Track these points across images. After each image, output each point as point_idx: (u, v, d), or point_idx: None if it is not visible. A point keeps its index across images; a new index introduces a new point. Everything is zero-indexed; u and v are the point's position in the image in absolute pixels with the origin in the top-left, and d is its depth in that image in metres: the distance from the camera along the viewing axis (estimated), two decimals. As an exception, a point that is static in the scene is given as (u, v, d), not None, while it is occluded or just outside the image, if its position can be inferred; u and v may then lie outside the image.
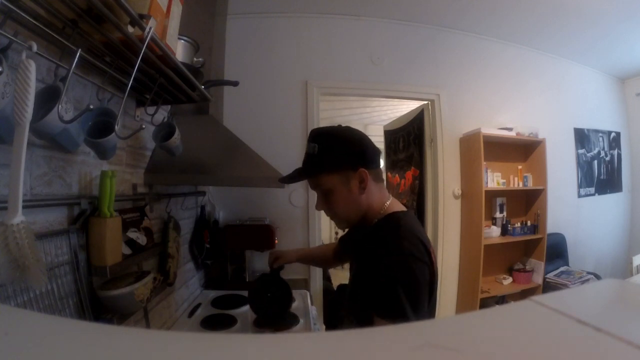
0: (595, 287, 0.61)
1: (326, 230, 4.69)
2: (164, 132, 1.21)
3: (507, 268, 2.87)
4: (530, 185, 2.79)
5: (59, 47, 0.74)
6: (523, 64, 2.99)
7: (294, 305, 1.71)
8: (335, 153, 0.87)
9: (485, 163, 2.51)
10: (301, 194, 2.40)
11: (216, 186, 2.18)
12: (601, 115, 3.44)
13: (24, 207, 0.57)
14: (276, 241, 2.10)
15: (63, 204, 0.85)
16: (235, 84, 1.44)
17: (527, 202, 2.92)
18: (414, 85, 2.65)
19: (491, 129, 2.60)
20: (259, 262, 2.22)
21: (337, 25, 2.55)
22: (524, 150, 2.92)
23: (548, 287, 2.70)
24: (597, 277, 2.84)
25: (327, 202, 0.91)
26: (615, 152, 3.55)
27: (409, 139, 3.09)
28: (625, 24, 2.56)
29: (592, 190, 3.34)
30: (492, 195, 2.75)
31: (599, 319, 0.26)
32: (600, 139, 3.43)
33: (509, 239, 2.67)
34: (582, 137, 3.28)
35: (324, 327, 2.08)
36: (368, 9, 2.50)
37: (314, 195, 2.62)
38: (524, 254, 2.88)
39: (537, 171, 2.80)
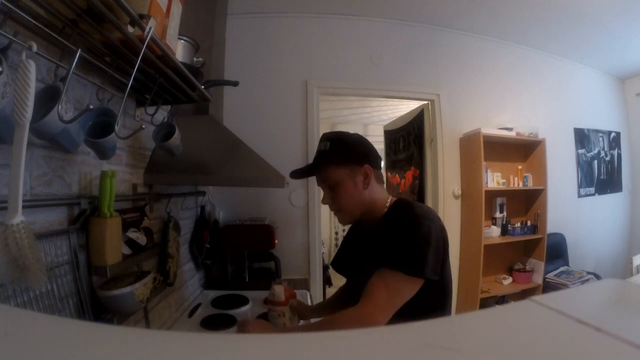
0: (595, 287, 0.61)
1: (326, 231, 4.69)
2: (164, 132, 1.21)
3: (507, 268, 2.87)
4: (530, 185, 2.78)
5: (59, 47, 0.74)
6: (523, 64, 2.99)
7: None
8: (344, 149, 0.97)
9: (485, 163, 2.51)
10: (301, 194, 2.40)
11: (216, 186, 2.18)
12: (601, 115, 3.44)
13: (24, 207, 0.57)
14: (276, 241, 2.09)
15: (63, 204, 0.85)
16: (235, 84, 1.44)
17: (527, 202, 2.92)
18: (414, 85, 2.65)
19: (491, 129, 2.60)
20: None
21: (337, 25, 2.55)
22: (524, 150, 2.92)
23: (548, 287, 2.70)
24: (597, 277, 2.84)
25: (333, 195, 0.98)
26: (615, 152, 3.54)
27: (409, 139, 3.09)
28: (626, 24, 2.56)
29: (592, 190, 3.34)
30: (492, 195, 2.75)
31: (599, 319, 0.26)
32: (600, 139, 3.43)
33: (509, 239, 2.67)
34: (582, 137, 3.28)
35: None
36: (368, 9, 2.50)
37: (314, 196, 2.61)
38: (524, 254, 2.88)
39: (537, 171, 2.80)
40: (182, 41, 1.07)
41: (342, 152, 0.96)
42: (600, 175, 3.42)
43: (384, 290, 0.81)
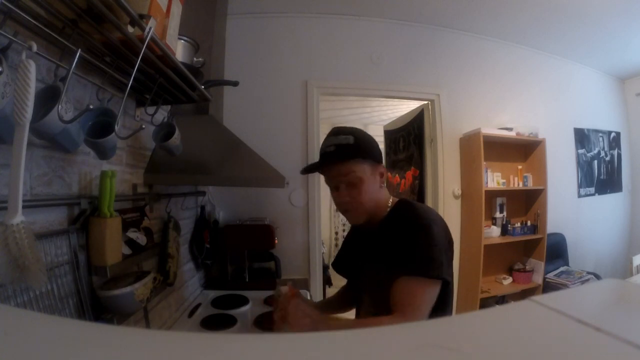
0: (595, 287, 0.61)
1: (326, 231, 4.69)
2: (164, 132, 1.21)
3: (507, 268, 2.87)
4: (530, 185, 2.78)
5: (59, 47, 0.74)
6: (523, 64, 2.99)
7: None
8: (368, 145, 0.94)
9: (485, 163, 2.51)
10: (301, 194, 2.40)
11: (216, 186, 2.18)
12: (601, 115, 3.44)
13: (24, 207, 0.57)
14: (276, 241, 2.10)
15: (63, 204, 0.85)
16: (235, 84, 1.44)
17: (527, 202, 2.92)
18: (414, 85, 2.65)
19: (491, 129, 2.60)
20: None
21: (337, 25, 2.55)
22: (524, 150, 2.92)
23: (548, 287, 2.70)
24: (597, 277, 2.84)
25: (352, 191, 0.92)
26: (615, 152, 3.54)
27: (409, 139, 3.09)
28: (626, 24, 2.56)
29: (592, 190, 3.34)
30: (492, 195, 2.74)
31: (599, 319, 0.26)
32: (600, 139, 3.43)
33: (509, 239, 2.67)
34: (582, 137, 3.28)
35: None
36: (368, 9, 2.50)
37: (314, 196, 2.59)
38: (524, 254, 2.88)
39: (537, 171, 2.80)
40: (182, 41, 1.07)
41: (366, 148, 0.93)
42: (600, 175, 3.42)
43: (412, 298, 0.81)
